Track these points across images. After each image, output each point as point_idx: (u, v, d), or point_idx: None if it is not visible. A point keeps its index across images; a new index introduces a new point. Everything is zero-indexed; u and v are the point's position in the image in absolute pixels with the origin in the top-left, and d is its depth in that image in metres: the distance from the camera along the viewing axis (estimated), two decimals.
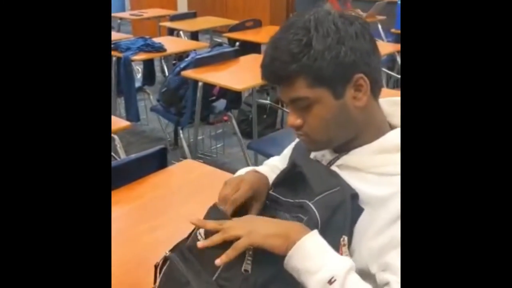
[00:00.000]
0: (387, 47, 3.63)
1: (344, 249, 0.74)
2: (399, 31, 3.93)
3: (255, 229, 0.73)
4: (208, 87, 2.69)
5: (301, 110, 0.81)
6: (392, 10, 4.34)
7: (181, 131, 2.85)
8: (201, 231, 0.79)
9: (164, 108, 2.86)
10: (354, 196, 0.78)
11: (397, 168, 0.75)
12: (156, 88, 3.47)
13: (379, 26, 4.58)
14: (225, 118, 3.34)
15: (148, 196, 1.36)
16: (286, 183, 0.87)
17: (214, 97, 2.92)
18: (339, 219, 0.76)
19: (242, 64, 2.86)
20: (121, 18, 4.75)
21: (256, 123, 3.05)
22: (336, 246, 0.74)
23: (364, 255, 0.77)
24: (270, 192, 0.88)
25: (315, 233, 0.73)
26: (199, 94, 2.58)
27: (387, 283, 0.73)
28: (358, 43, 0.78)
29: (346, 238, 0.74)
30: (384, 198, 0.76)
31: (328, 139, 0.84)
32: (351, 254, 0.77)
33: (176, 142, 3.08)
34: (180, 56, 3.58)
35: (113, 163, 1.49)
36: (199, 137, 3.13)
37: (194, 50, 3.29)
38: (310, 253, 0.71)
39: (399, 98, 0.89)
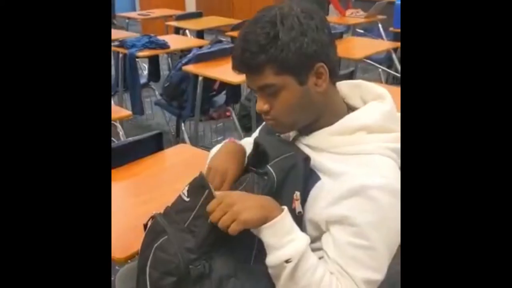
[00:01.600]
0: (386, 45, 3.74)
1: (297, 203, 0.86)
2: (397, 30, 4.03)
3: (244, 212, 0.81)
4: (208, 82, 2.82)
5: (268, 96, 0.89)
6: (393, 10, 4.43)
7: (183, 124, 2.99)
8: (185, 191, 0.91)
9: (167, 102, 3.00)
10: (306, 159, 0.90)
11: (351, 148, 0.88)
12: (161, 84, 3.61)
13: (380, 26, 4.67)
14: (228, 113, 3.48)
15: (143, 174, 1.49)
16: (254, 162, 0.98)
17: (214, 92, 3.05)
18: (292, 178, 0.87)
19: None
20: (129, 18, 4.91)
21: (256, 118, 3.17)
22: (291, 200, 0.86)
23: (317, 218, 0.88)
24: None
25: (285, 215, 0.82)
26: (199, 88, 2.72)
27: (322, 257, 0.86)
28: (319, 35, 0.86)
29: (298, 193, 0.86)
30: (339, 174, 0.86)
31: (293, 121, 0.93)
32: (305, 211, 0.88)
33: (178, 134, 3.22)
34: (188, 53, 3.71)
35: (113, 145, 1.63)
36: (201, 131, 3.25)
37: (200, 47, 3.42)
38: (277, 233, 0.82)
39: (359, 81, 1.00)
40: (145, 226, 0.97)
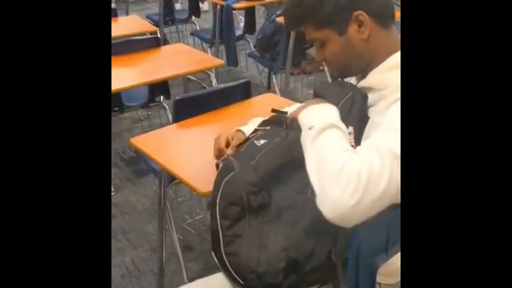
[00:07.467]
0: None
1: (350, 136, 0.90)
2: None
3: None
4: (302, 34, 2.81)
5: (319, 47, 0.97)
6: None
7: (273, 76, 3.04)
8: (260, 140, 1.01)
9: (260, 54, 3.05)
10: (364, 96, 0.93)
11: (397, 81, 0.86)
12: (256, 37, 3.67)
13: None
14: (321, 67, 3.46)
15: (230, 119, 1.58)
16: None
17: (307, 45, 3.03)
18: (350, 116, 0.91)
19: None
20: None
21: None
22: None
23: None
24: None
25: (324, 105, 0.90)
26: (291, 40, 2.73)
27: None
28: None
29: (352, 128, 0.90)
30: (383, 110, 0.87)
31: (344, 67, 0.99)
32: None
33: (269, 87, 3.28)
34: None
35: (204, 91, 1.74)
36: (292, 84, 3.27)
37: None
38: (308, 115, 0.89)
39: None
40: (217, 165, 1.09)
